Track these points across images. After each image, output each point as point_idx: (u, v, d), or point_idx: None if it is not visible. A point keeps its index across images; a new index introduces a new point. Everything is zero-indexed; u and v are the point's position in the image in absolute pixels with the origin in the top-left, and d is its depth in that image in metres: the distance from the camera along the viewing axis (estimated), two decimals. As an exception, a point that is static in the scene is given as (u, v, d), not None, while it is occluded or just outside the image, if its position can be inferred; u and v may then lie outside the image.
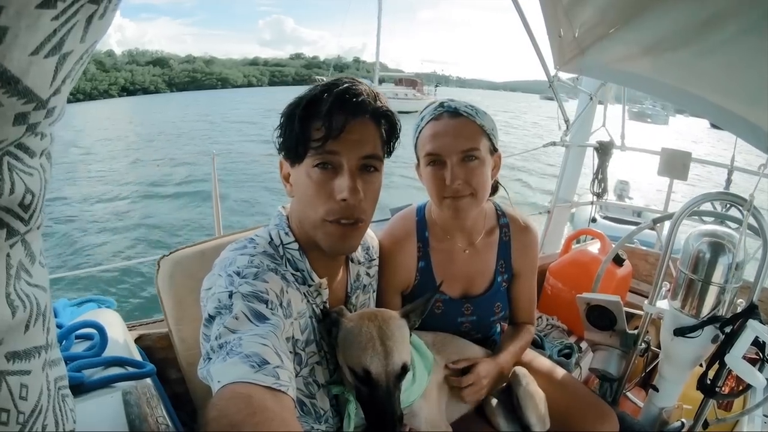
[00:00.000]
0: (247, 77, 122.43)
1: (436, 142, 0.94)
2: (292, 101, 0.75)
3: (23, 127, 0.29)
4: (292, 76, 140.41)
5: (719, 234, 1.08)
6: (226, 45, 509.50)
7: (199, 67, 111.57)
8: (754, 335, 0.98)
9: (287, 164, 0.78)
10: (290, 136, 0.73)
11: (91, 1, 0.27)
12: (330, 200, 0.73)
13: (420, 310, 0.84)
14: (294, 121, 0.72)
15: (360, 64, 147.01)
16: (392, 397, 0.71)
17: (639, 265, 2.05)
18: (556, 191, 2.60)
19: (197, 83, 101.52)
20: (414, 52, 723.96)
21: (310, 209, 0.75)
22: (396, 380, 0.72)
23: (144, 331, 1.12)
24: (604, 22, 1.59)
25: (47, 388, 0.40)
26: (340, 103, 0.70)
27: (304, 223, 0.78)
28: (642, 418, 1.24)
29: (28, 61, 0.25)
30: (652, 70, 1.63)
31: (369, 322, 0.75)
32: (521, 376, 1.02)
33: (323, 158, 0.72)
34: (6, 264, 0.33)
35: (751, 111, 1.40)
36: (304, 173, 0.74)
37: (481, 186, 0.95)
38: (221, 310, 0.64)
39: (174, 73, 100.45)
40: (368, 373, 0.71)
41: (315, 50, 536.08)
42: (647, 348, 1.31)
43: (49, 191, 0.36)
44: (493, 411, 1.01)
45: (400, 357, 0.73)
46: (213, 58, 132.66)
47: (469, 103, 0.97)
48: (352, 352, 0.73)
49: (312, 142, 0.71)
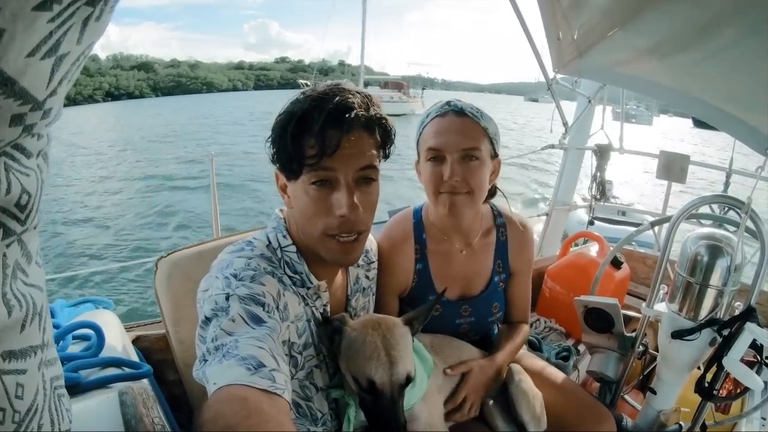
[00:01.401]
0: (232, 81, 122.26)
1: (438, 138, 0.95)
2: (283, 115, 0.72)
3: (20, 128, 0.29)
4: (277, 79, 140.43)
5: (717, 237, 1.08)
6: (211, 49, 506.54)
7: (184, 71, 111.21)
8: (752, 338, 0.98)
9: (283, 176, 0.77)
10: (283, 152, 0.72)
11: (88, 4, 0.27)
12: (329, 216, 0.72)
13: (423, 317, 0.84)
14: (286, 138, 0.70)
15: (345, 67, 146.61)
16: (396, 406, 0.71)
17: (637, 267, 2.06)
18: (555, 194, 2.60)
19: (182, 87, 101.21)
20: (399, 55, 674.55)
21: (309, 225, 0.74)
22: (400, 389, 0.72)
23: (141, 332, 1.12)
24: (603, 25, 1.59)
25: (43, 388, 0.40)
26: (332, 119, 0.68)
27: (304, 235, 0.78)
28: (640, 420, 1.24)
29: (25, 62, 0.26)
30: (651, 73, 1.63)
31: (373, 331, 0.75)
32: (515, 372, 1.02)
33: (319, 175, 0.70)
34: (2, 264, 0.33)
35: (749, 114, 1.40)
36: (301, 189, 0.73)
37: (478, 186, 0.96)
38: (218, 312, 0.64)
39: (159, 78, 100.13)
40: (372, 383, 0.71)
41: (300, 54, 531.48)
42: (645, 351, 1.31)
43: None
44: (491, 412, 1.01)
45: (405, 367, 0.73)
46: (198, 62, 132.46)
47: (474, 106, 0.98)
48: (357, 362, 0.73)
49: (306, 159, 0.70)
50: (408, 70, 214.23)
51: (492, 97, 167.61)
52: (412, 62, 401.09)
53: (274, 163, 0.76)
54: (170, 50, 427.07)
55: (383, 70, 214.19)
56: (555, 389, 1.07)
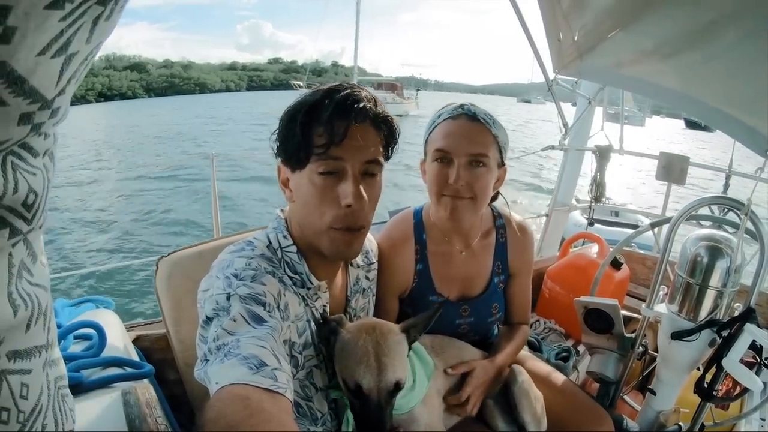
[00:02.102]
0: (225, 82, 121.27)
1: (448, 140, 0.95)
2: (292, 106, 0.74)
3: (28, 126, 0.29)
4: (270, 80, 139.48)
5: (717, 238, 1.09)
6: (204, 49, 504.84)
7: (177, 71, 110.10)
8: (752, 339, 0.98)
9: (286, 169, 0.77)
10: (291, 141, 0.72)
11: (99, 3, 0.27)
12: (335, 206, 0.72)
13: (421, 325, 0.83)
14: (295, 127, 0.71)
15: (338, 68, 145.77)
16: (383, 413, 0.71)
17: (637, 268, 2.06)
18: (555, 195, 2.61)
19: (175, 88, 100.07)
20: (393, 56, 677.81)
21: (314, 216, 0.74)
22: (388, 396, 0.72)
23: (142, 331, 1.11)
24: (604, 26, 1.60)
25: (47, 388, 0.40)
26: (341, 109, 0.70)
27: (305, 229, 0.78)
28: (639, 421, 1.24)
29: (35, 61, 0.25)
30: (651, 74, 1.64)
31: (366, 336, 0.75)
32: (518, 373, 1.02)
33: (327, 165, 0.71)
34: (8, 263, 0.33)
35: (749, 115, 1.41)
36: (306, 179, 0.73)
37: (482, 192, 0.96)
38: (219, 312, 0.64)
39: (152, 78, 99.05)
40: (360, 387, 0.71)
41: (293, 54, 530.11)
42: (645, 351, 1.31)
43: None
44: (491, 412, 1.01)
45: (394, 374, 0.72)
46: (191, 63, 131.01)
47: (488, 112, 0.98)
48: (347, 364, 0.73)
49: (315, 148, 0.70)
50: (401, 71, 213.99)
51: (485, 98, 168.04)
52: (404, 63, 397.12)
53: (279, 156, 0.77)
54: (163, 51, 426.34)
55: (376, 71, 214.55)
56: (553, 390, 1.07)
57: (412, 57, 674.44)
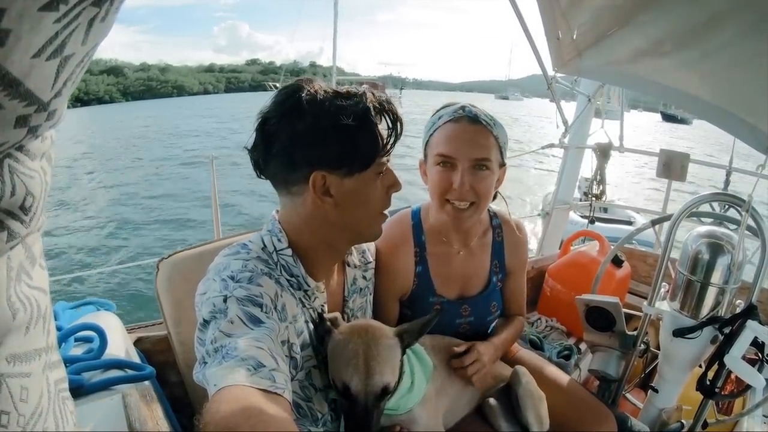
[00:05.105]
0: (203, 84, 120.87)
1: (451, 144, 0.94)
2: (331, 112, 0.70)
3: (24, 129, 0.29)
4: (248, 82, 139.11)
5: (718, 235, 1.09)
6: (181, 52, 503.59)
7: (154, 75, 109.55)
8: (753, 336, 0.98)
9: (333, 176, 0.74)
10: (351, 146, 0.73)
11: (93, 4, 0.27)
12: (387, 200, 0.81)
13: (417, 332, 0.83)
14: (361, 131, 0.73)
15: (316, 68, 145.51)
16: (369, 416, 0.71)
17: (638, 266, 2.06)
18: (555, 193, 2.60)
19: (153, 92, 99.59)
20: (370, 55, 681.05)
21: (370, 217, 0.81)
22: (375, 400, 0.72)
23: (143, 333, 1.11)
24: (603, 24, 1.59)
25: (47, 391, 0.40)
26: (383, 116, 0.76)
27: (349, 232, 0.82)
28: (641, 419, 1.24)
29: (30, 63, 0.25)
30: (650, 72, 1.63)
31: (358, 338, 0.75)
32: (521, 374, 1.02)
33: (379, 167, 0.77)
34: (7, 267, 0.33)
35: (749, 112, 1.40)
36: (362, 183, 0.76)
37: (485, 195, 0.96)
38: (216, 314, 0.64)
39: (129, 82, 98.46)
40: (347, 388, 0.71)
41: (271, 55, 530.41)
42: (646, 349, 1.31)
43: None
44: (493, 412, 1.00)
45: (382, 378, 0.72)
46: (168, 66, 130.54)
47: (488, 113, 0.97)
48: (337, 365, 0.74)
49: (380, 150, 0.75)
50: (379, 69, 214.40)
51: (463, 95, 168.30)
52: (382, 62, 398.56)
53: (318, 167, 0.73)
54: (140, 54, 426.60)
55: (354, 71, 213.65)
56: (555, 389, 1.07)
57: (390, 56, 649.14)
